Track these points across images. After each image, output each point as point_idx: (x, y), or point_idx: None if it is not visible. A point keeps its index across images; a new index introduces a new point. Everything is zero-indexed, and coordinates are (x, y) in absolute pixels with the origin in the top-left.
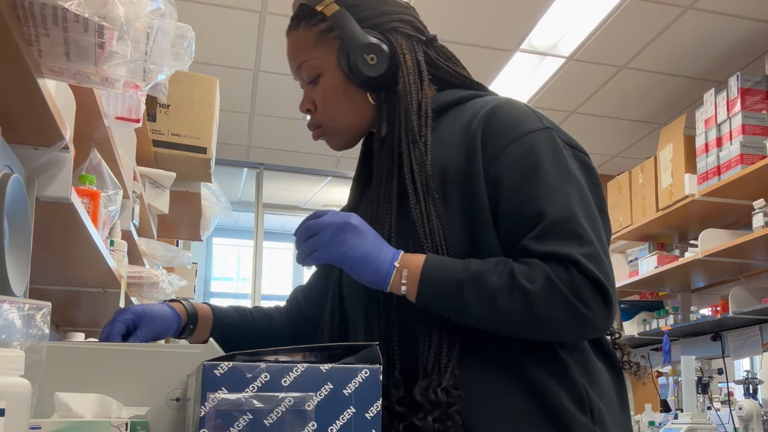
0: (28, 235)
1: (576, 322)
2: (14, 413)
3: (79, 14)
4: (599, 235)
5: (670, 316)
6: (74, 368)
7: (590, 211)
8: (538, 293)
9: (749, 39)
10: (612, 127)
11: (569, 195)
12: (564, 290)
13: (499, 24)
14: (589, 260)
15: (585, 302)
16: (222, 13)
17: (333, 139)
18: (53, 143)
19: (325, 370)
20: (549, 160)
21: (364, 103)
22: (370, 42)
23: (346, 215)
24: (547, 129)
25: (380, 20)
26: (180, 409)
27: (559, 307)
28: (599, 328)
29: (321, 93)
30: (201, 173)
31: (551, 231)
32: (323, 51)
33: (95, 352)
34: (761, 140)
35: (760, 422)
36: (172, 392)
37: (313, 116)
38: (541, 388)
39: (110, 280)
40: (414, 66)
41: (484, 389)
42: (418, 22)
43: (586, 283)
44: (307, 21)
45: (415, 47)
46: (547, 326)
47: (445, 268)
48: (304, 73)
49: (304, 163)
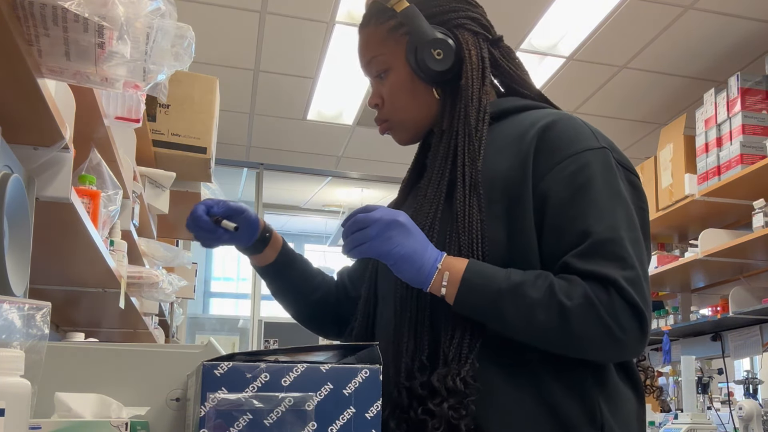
0: (28, 235)
1: (609, 343)
2: (14, 413)
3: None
4: (642, 260)
5: (670, 316)
6: (74, 368)
7: (636, 235)
8: (575, 310)
9: (749, 39)
10: (612, 127)
11: (617, 216)
12: (601, 310)
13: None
14: (629, 284)
15: (621, 325)
16: (222, 13)
17: (399, 133)
18: (53, 143)
19: (325, 370)
20: (600, 180)
21: (430, 98)
22: (438, 37)
23: (395, 213)
24: (603, 149)
25: (448, 17)
26: (180, 409)
27: (595, 327)
28: (632, 351)
29: (388, 88)
30: (201, 173)
31: (595, 250)
32: (392, 47)
33: (95, 352)
34: (761, 140)
35: (760, 422)
36: (172, 392)
37: (380, 111)
38: (555, 399)
39: (110, 280)
40: (478, 62)
41: (500, 391)
42: (485, 21)
43: (624, 306)
44: (378, 18)
45: (481, 44)
46: (581, 344)
47: (487, 276)
48: (374, 68)
49: (304, 163)
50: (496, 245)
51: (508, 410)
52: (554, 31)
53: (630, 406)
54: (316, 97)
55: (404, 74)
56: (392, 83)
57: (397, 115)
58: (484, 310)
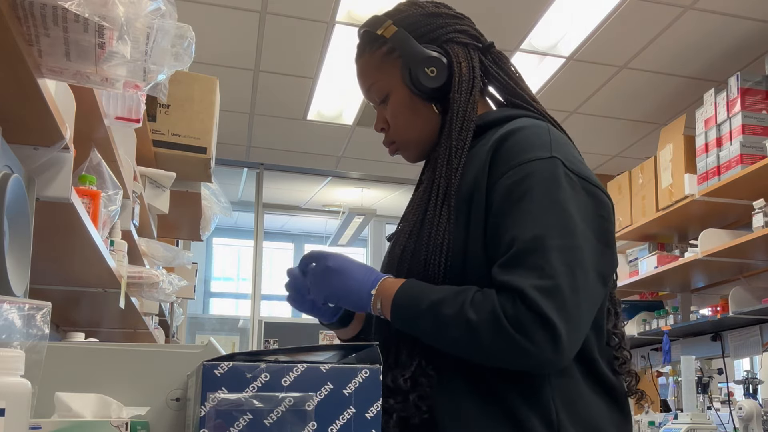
0: (28, 235)
1: (518, 355)
2: (14, 413)
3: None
4: (574, 269)
5: (670, 316)
6: (74, 368)
7: (571, 243)
8: (481, 325)
9: (749, 39)
10: (612, 127)
11: (547, 225)
12: (504, 322)
13: (499, 24)
14: (541, 293)
15: (528, 337)
16: (222, 13)
17: (408, 152)
18: (53, 143)
19: (325, 370)
20: (538, 189)
21: (431, 114)
22: (429, 55)
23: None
24: (552, 159)
25: (437, 34)
26: (180, 409)
27: (500, 340)
28: (548, 363)
29: (391, 111)
30: (201, 173)
31: (514, 260)
32: (388, 72)
33: (95, 352)
34: (761, 140)
35: (760, 422)
36: (172, 392)
37: (387, 134)
38: (512, 408)
39: (110, 280)
40: (468, 73)
41: (459, 402)
42: (473, 30)
43: (530, 316)
44: (371, 46)
45: (472, 54)
46: (494, 356)
47: (413, 297)
48: (374, 94)
49: (304, 163)
50: (458, 257)
51: (470, 421)
52: (554, 31)
53: (596, 411)
54: (316, 97)
55: (403, 95)
56: (393, 106)
57: (403, 135)
58: (413, 329)
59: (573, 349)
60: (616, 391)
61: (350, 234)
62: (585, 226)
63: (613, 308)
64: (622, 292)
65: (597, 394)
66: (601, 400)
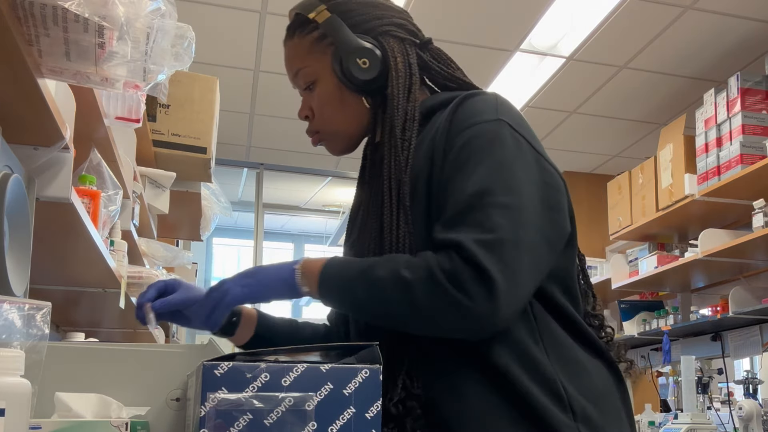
0: (28, 235)
1: (453, 311)
2: (14, 413)
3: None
4: (516, 226)
5: (670, 316)
6: (74, 368)
7: (514, 201)
8: (416, 283)
9: (749, 39)
10: (612, 127)
11: (490, 183)
12: (440, 277)
13: (499, 24)
14: (480, 246)
15: (464, 290)
16: (222, 13)
17: (331, 144)
18: (53, 143)
19: (325, 370)
20: (482, 150)
21: (360, 107)
22: (362, 46)
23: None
24: (498, 121)
25: (372, 24)
26: (180, 409)
27: (436, 296)
28: (484, 319)
29: (317, 99)
30: (201, 173)
31: (456, 219)
32: (318, 58)
33: (95, 352)
34: (761, 140)
35: (760, 422)
36: (172, 392)
37: (311, 122)
38: (517, 387)
39: (110, 280)
40: (405, 69)
41: (464, 389)
42: (411, 26)
43: (466, 269)
44: (301, 30)
45: (408, 50)
46: (431, 317)
47: (342, 266)
48: (301, 80)
49: (304, 163)
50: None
51: (478, 408)
52: (554, 31)
53: (602, 381)
54: None
55: (331, 85)
56: (320, 94)
57: (328, 126)
58: (343, 300)
59: (511, 306)
60: (605, 354)
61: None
62: (530, 187)
63: (589, 289)
64: (622, 292)
65: (601, 363)
66: (605, 370)
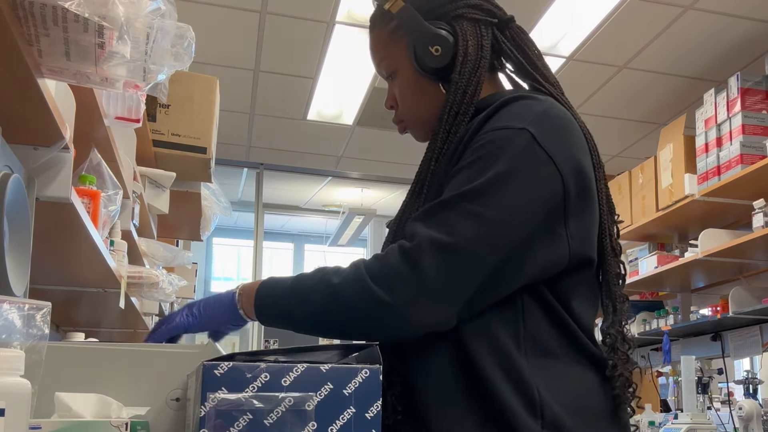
0: (28, 235)
1: (372, 306)
2: (14, 413)
3: (79, 14)
4: (481, 240)
5: (670, 316)
6: (74, 368)
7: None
8: (340, 285)
9: (749, 39)
10: (612, 127)
11: (475, 190)
12: (364, 275)
13: None
14: (431, 246)
15: (385, 285)
16: (222, 13)
17: (416, 131)
18: (53, 143)
19: (325, 370)
20: (488, 157)
21: (437, 94)
22: (434, 33)
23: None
24: (522, 130)
25: (446, 9)
26: (180, 409)
27: (358, 294)
28: (398, 317)
29: (398, 88)
30: (201, 173)
31: (428, 211)
32: (395, 48)
33: (95, 352)
34: (761, 140)
35: (760, 422)
36: (172, 392)
37: (396, 112)
38: (492, 389)
39: (110, 280)
40: (476, 52)
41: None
42: (488, 4)
43: (401, 265)
44: (380, 21)
45: (483, 32)
46: (356, 317)
47: (275, 283)
48: (383, 70)
49: (304, 163)
50: None
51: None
52: (554, 31)
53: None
54: (316, 97)
55: (409, 74)
56: (400, 84)
57: (410, 114)
58: (278, 316)
59: (433, 314)
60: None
61: (350, 234)
62: (525, 204)
63: (611, 304)
64: None
65: (592, 371)
66: (596, 378)
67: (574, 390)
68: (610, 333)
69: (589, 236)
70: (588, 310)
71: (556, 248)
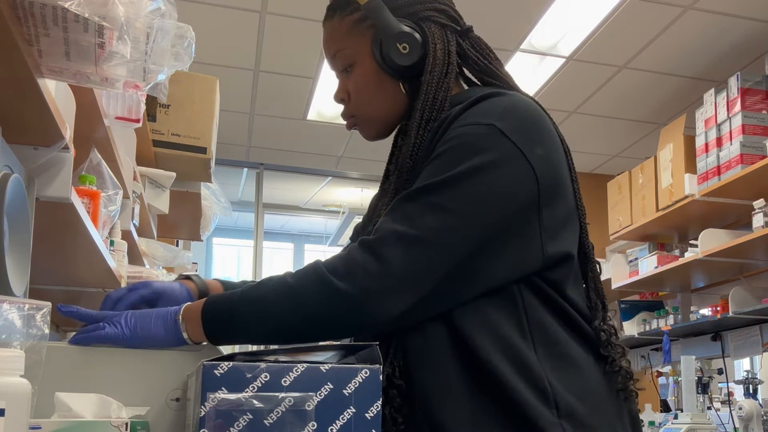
0: (28, 235)
1: (333, 299)
2: (14, 413)
3: (79, 14)
4: (444, 231)
5: (670, 316)
6: (74, 368)
7: (454, 206)
8: (295, 282)
9: (749, 39)
10: (612, 127)
11: (440, 183)
12: (322, 269)
13: (498, 24)
14: (394, 237)
15: (348, 277)
16: (222, 13)
17: (366, 128)
18: (53, 143)
19: (325, 370)
20: (453, 151)
21: (397, 93)
22: (403, 30)
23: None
24: (489, 126)
25: (414, 9)
26: (180, 409)
27: (318, 289)
28: (357, 308)
29: (354, 82)
30: (201, 173)
31: (394, 206)
32: (357, 40)
33: (95, 352)
34: (761, 140)
35: (760, 422)
36: (172, 392)
37: (346, 106)
38: (503, 382)
39: (110, 280)
40: (444, 56)
41: (449, 384)
42: (453, 11)
43: (364, 258)
44: (342, 10)
45: (449, 37)
46: (315, 313)
47: (222, 299)
48: (339, 62)
49: (304, 163)
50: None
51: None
52: (554, 31)
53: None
54: (316, 97)
55: (369, 68)
56: (358, 78)
57: (364, 110)
58: (231, 330)
59: (395, 306)
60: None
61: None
62: (493, 197)
63: (599, 301)
64: (623, 292)
65: (596, 361)
66: (601, 367)
67: (582, 378)
68: (603, 329)
69: (564, 229)
70: (582, 301)
71: (529, 240)
